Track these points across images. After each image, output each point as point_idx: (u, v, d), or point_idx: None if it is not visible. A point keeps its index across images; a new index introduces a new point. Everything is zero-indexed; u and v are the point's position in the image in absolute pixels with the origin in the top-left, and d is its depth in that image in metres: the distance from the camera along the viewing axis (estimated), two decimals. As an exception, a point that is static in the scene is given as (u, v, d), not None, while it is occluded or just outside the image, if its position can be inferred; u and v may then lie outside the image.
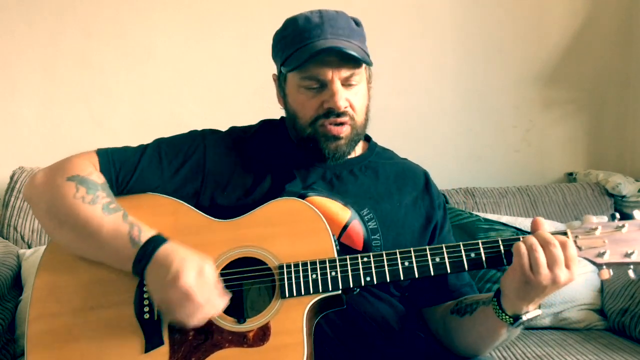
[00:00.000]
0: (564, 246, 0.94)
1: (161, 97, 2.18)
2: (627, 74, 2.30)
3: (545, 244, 0.94)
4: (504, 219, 1.90)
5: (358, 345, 1.11)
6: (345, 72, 1.13)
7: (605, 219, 1.05)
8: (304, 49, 1.12)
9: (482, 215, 1.90)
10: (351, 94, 1.15)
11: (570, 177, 2.30)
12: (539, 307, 1.01)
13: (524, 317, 0.99)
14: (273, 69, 1.27)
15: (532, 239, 0.96)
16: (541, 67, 2.29)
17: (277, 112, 1.37)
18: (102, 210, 1.04)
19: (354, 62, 1.13)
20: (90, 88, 2.16)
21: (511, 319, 1.00)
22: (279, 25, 1.23)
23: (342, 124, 1.15)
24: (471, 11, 2.27)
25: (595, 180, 2.14)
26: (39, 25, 2.12)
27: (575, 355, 1.49)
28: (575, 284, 1.46)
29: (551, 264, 0.93)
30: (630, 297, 1.68)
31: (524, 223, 1.87)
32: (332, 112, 1.14)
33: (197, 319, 0.97)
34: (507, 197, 2.05)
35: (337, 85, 1.13)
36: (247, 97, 2.18)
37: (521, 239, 0.98)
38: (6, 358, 1.54)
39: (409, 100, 2.24)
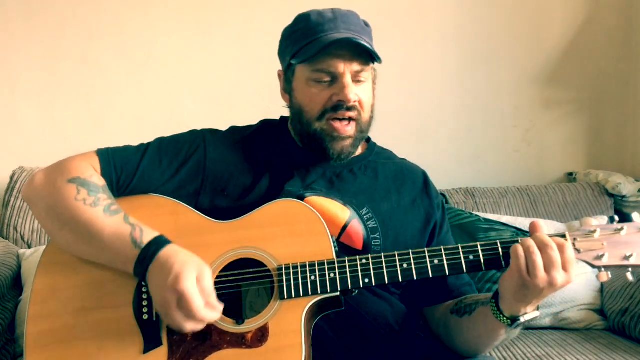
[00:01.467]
0: (561, 249, 0.95)
1: (161, 97, 2.18)
2: (627, 74, 2.30)
3: (542, 247, 0.95)
4: (504, 219, 1.90)
5: (358, 344, 1.11)
6: (356, 67, 1.14)
7: (605, 220, 1.05)
8: (317, 41, 1.13)
9: (482, 215, 1.90)
10: (360, 90, 1.16)
11: (570, 177, 2.30)
12: (537, 309, 1.01)
13: (522, 319, 0.99)
14: (274, 68, 1.27)
15: (529, 242, 0.96)
16: (541, 67, 2.29)
17: (277, 112, 1.37)
18: (104, 212, 1.04)
19: (366, 57, 1.14)
20: (90, 88, 2.16)
21: (509, 321, 1.00)
22: (279, 25, 1.23)
23: (349, 119, 1.16)
24: (471, 12, 2.27)
25: (595, 180, 2.14)
26: (39, 25, 2.12)
27: (575, 355, 1.49)
28: (575, 284, 1.46)
29: (548, 266, 0.94)
30: (630, 297, 1.68)
31: (524, 223, 1.87)
32: (341, 106, 1.14)
33: (191, 325, 0.96)
34: (507, 197, 2.05)
35: (348, 78, 1.14)
36: (248, 97, 2.18)
37: (520, 241, 0.98)
38: (6, 358, 1.54)
39: (409, 100, 2.24)
